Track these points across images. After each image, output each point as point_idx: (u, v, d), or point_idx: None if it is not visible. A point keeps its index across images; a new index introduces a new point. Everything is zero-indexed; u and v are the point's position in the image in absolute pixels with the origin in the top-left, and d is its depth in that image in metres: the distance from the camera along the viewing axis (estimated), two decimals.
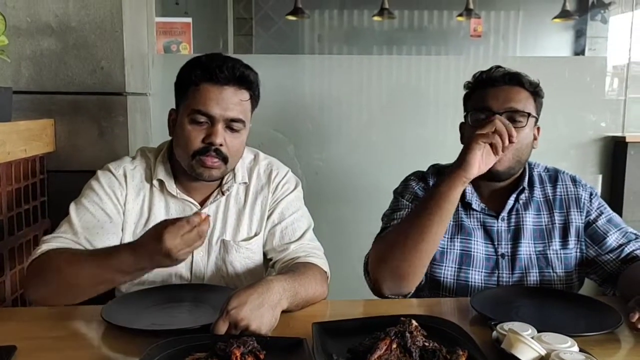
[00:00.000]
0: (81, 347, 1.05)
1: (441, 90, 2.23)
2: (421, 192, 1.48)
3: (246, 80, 1.31)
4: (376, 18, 5.71)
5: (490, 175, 1.39)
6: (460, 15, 5.67)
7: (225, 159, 1.31)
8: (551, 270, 1.41)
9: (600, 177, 2.26)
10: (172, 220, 1.07)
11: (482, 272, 1.41)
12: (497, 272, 1.41)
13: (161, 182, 1.37)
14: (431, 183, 1.50)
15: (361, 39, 6.13)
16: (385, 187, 1.61)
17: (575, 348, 0.96)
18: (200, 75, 1.27)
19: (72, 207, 1.35)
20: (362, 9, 6.14)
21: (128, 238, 1.36)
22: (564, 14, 5.53)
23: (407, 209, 1.44)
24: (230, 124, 1.30)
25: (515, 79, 1.41)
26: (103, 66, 1.78)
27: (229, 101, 1.29)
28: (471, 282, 1.41)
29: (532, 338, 0.96)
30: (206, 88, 1.27)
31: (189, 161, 1.30)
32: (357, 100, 2.24)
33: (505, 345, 0.96)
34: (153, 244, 1.07)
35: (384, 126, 2.26)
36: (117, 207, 1.36)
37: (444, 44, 6.06)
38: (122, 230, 1.36)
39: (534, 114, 1.41)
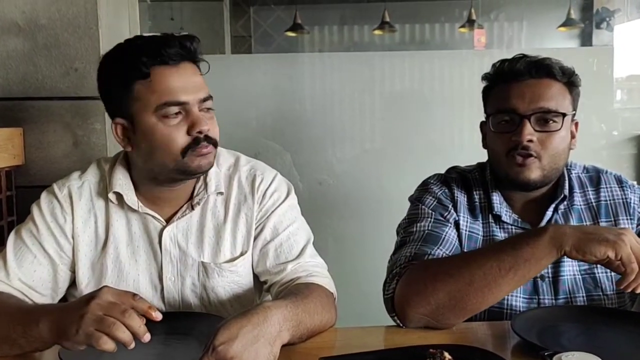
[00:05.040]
0: None
1: (454, 88, 2.07)
2: (445, 198, 1.27)
3: (195, 51, 1.13)
4: (377, 32, 5.64)
5: (521, 185, 1.20)
6: (463, 26, 5.59)
7: (215, 143, 1.13)
8: (600, 292, 1.21)
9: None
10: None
11: (519, 297, 1.20)
12: (536, 296, 1.20)
13: (119, 196, 1.17)
14: (456, 190, 1.29)
15: None
16: (397, 197, 1.44)
17: None
18: (146, 61, 1.07)
19: (11, 238, 1.16)
20: (363, 24, 6.09)
21: (85, 272, 1.17)
22: (569, 22, 5.47)
23: (429, 219, 1.24)
24: (203, 105, 1.12)
25: (544, 70, 1.20)
26: (77, 67, 1.61)
27: (192, 80, 1.11)
28: (506, 309, 1.20)
29: None
30: (160, 74, 1.07)
31: (176, 163, 1.10)
32: (362, 102, 2.08)
33: None
34: (80, 302, 0.89)
35: (393, 130, 2.10)
36: (61, 240, 1.16)
37: None
38: (75, 263, 1.17)
39: (570, 110, 1.20)
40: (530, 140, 1.16)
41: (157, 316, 0.88)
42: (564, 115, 1.17)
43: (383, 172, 2.08)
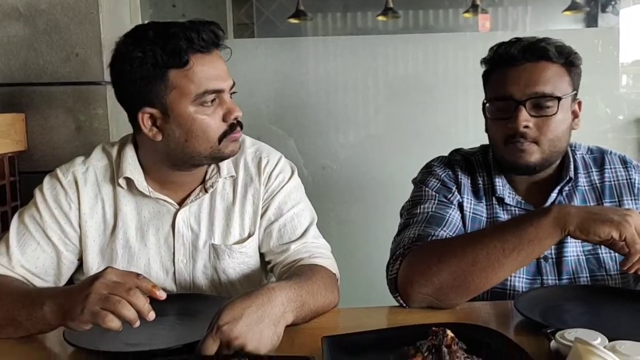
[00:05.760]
0: None
1: (458, 71, 2.04)
2: (449, 180, 1.27)
3: (222, 38, 1.12)
4: (380, 18, 5.58)
5: (521, 169, 1.19)
6: (467, 11, 5.53)
7: (241, 127, 1.14)
8: (604, 272, 1.20)
9: None
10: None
11: (522, 277, 1.20)
12: (539, 277, 1.20)
13: (129, 181, 1.16)
14: (459, 172, 1.28)
15: None
16: (401, 182, 1.43)
17: None
18: (186, 49, 1.04)
19: (14, 223, 1.15)
20: (366, 10, 6.03)
21: (94, 257, 1.17)
22: (574, 6, 5.39)
23: (433, 200, 1.23)
24: (231, 91, 1.13)
25: (539, 53, 1.17)
26: (78, 52, 1.60)
27: (223, 67, 1.10)
28: (509, 289, 1.19)
29: (605, 348, 0.75)
30: (198, 62, 1.05)
31: (213, 149, 1.10)
32: (365, 86, 2.06)
33: (571, 359, 0.75)
34: (84, 283, 0.90)
35: (396, 114, 2.07)
36: (65, 227, 1.15)
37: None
38: (83, 250, 1.16)
39: (569, 91, 1.18)
40: (527, 127, 1.15)
41: (161, 295, 0.88)
42: (559, 99, 1.15)
43: (387, 157, 2.07)
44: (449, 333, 0.80)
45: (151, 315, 0.86)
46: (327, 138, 2.08)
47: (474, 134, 1.37)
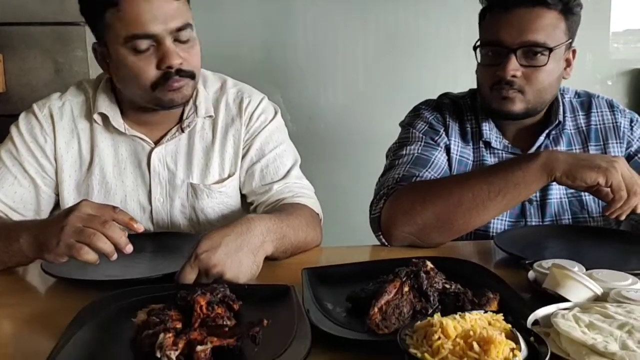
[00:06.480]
0: (21, 304, 0.89)
1: (450, 28, 2.01)
2: (437, 123, 1.26)
3: None
4: None
5: (504, 116, 1.18)
6: None
7: (192, 75, 1.08)
8: (586, 215, 1.21)
9: None
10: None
11: (505, 220, 1.21)
12: (523, 219, 1.21)
13: (104, 117, 1.14)
14: (448, 115, 1.27)
15: None
16: (387, 131, 1.41)
17: (639, 285, 0.75)
18: None
19: None
20: None
21: (70, 192, 1.15)
22: None
23: (420, 142, 1.22)
24: (178, 36, 1.04)
25: None
26: None
27: (165, 8, 1.02)
28: (492, 231, 1.20)
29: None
30: (129, 2, 1.00)
31: (149, 96, 1.06)
32: (355, 40, 2.03)
33: (548, 285, 0.76)
34: (59, 216, 0.88)
35: (386, 68, 2.05)
36: (42, 160, 1.14)
37: None
38: (59, 184, 1.15)
39: (562, 40, 1.15)
40: (515, 76, 1.13)
41: (139, 227, 0.86)
42: (551, 49, 1.12)
43: (373, 109, 2.06)
44: (429, 263, 0.80)
45: (129, 248, 0.84)
46: (315, 89, 2.05)
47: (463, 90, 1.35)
